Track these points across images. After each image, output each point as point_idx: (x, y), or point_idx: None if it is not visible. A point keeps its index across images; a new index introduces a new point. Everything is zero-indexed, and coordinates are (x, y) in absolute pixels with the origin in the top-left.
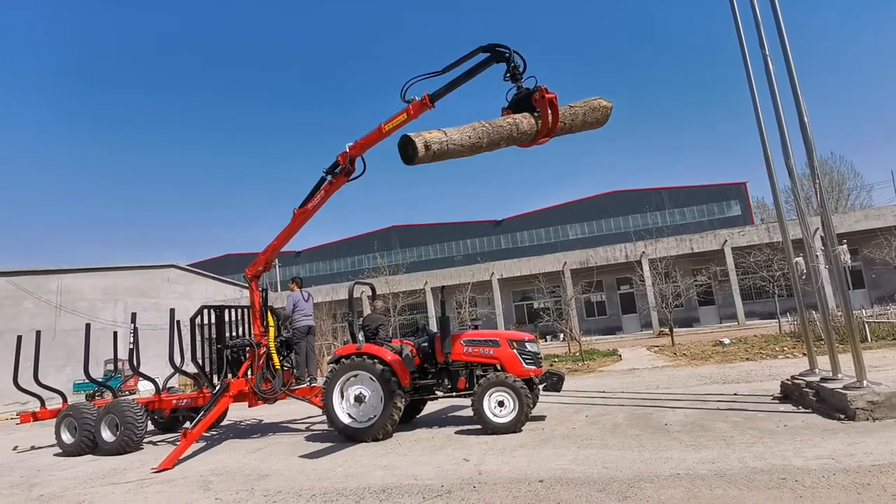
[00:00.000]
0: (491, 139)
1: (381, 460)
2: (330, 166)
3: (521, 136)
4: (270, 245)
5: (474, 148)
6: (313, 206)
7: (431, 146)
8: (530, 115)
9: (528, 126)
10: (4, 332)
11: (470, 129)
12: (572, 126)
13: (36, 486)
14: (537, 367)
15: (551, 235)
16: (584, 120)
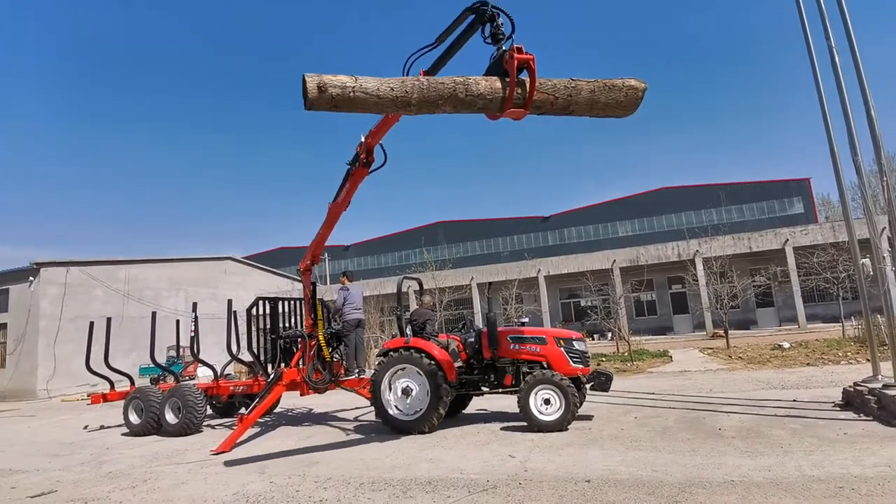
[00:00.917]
0: (424, 97)
1: (427, 453)
2: (352, 158)
3: (473, 99)
4: (314, 239)
5: (399, 103)
6: (342, 199)
7: (328, 89)
8: (499, 78)
9: (485, 88)
10: (78, 318)
11: (397, 82)
12: (575, 104)
13: (105, 464)
14: (585, 365)
15: (600, 232)
16: (595, 100)
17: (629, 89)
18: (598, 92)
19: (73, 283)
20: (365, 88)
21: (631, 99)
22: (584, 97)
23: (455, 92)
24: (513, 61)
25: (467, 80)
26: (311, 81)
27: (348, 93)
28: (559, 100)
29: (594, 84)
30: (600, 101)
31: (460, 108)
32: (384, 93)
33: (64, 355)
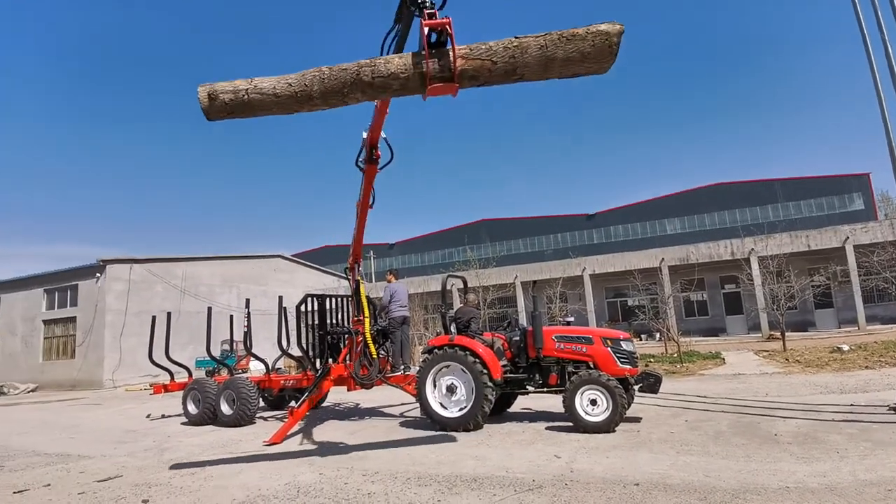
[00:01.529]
0: (327, 87)
1: (472, 450)
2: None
3: (385, 81)
4: (353, 238)
5: (300, 99)
6: (363, 197)
7: (219, 97)
8: (415, 53)
9: (398, 67)
10: (140, 312)
11: (296, 76)
12: (524, 67)
13: (166, 451)
14: (633, 366)
15: (647, 230)
16: (550, 57)
17: (597, 37)
18: (551, 47)
19: (136, 280)
20: (260, 89)
21: (601, 49)
22: (534, 56)
23: (360, 76)
24: (423, 29)
25: (375, 60)
26: (202, 91)
27: (242, 97)
28: (499, 65)
29: (545, 38)
30: (558, 58)
31: (372, 93)
32: (282, 90)
33: (128, 347)
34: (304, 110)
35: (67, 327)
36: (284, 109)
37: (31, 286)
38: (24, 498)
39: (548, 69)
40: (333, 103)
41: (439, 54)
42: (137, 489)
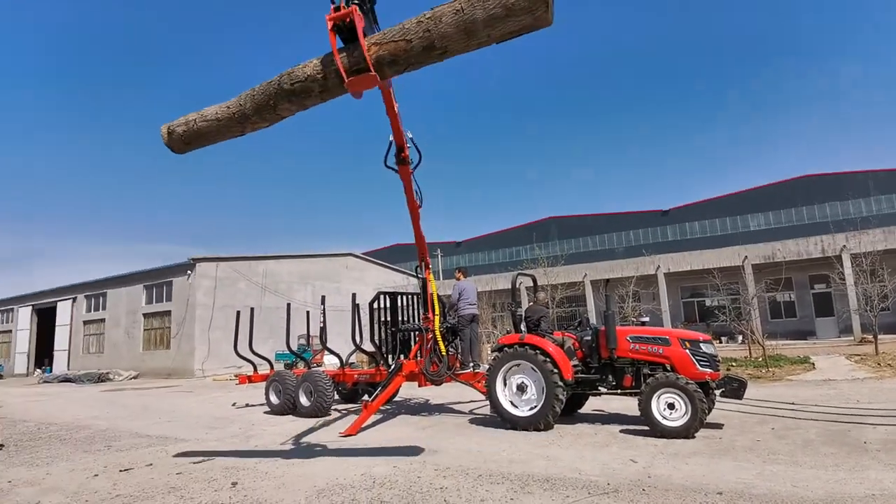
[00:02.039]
0: (257, 103)
1: (543, 450)
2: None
3: (305, 85)
4: (414, 238)
5: (240, 119)
6: (407, 199)
7: (175, 130)
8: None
9: (313, 69)
10: (226, 307)
11: (234, 99)
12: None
13: (251, 438)
14: (714, 370)
15: (727, 226)
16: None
17: None
18: (468, 8)
19: (222, 277)
20: (206, 117)
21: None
22: (451, 24)
23: (280, 86)
24: (328, 24)
25: (294, 68)
26: (162, 129)
27: (192, 127)
28: (415, 42)
29: (461, 1)
30: (478, 19)
31: (298, 101)
32: (223, 114)
33: (215, 339)
34: (247, 130)
35: (163, 320)
36: (230, 132)
37: (132, 282)
38: (129, 475)
39: (471, 34)
40: (268, 118)
41: (352, 47)
42: (227, 472)
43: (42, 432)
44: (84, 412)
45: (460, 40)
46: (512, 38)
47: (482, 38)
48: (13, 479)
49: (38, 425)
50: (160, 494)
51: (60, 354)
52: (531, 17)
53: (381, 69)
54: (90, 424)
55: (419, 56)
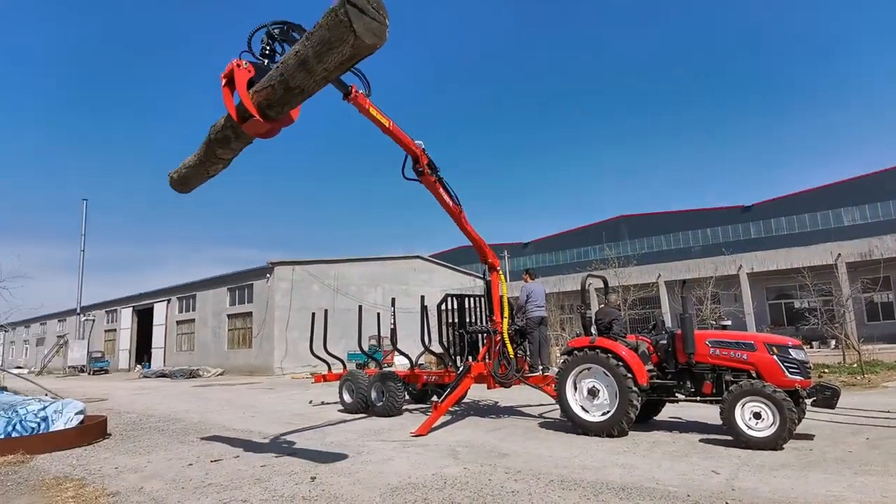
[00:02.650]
0: (210, 147)
1: (617, 458)
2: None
3: (223, 134)
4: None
5: (202, 164)
6: (443, 206)
7: (171, 177)
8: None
9: (222, 120)
10: (301, 309)
11: (198, 149)
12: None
13: (327, 435)
14: (804, 377)
15: (818, 222)
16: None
17: (328, 18)
18: (302, 49)
19: (297, 280)
20: (186, 164)
21: (335, 27)
22: (294, 64)
23: (210, 136)
24: (221, 80)
25: (216, 121)
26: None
27: (180, 173)
28: (277, 86)
29: (299, 44)
30: (310, 56)
31: (226, 146)
32: (193, 161)
33: (292, 339)
34: (211, 172)
35: (245, 321)
36: (202, 175)
37: (218, 285)
38: (219, 466)
39: (311, 72)
40: (215, 161)
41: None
42: (306, 466)
43: (143, 423)
44: (178, 405)
45: (306, 78)
46: (347, 68)
47: (320, 73)
48: (119, 465)
49: (139, 416)
50: (247, 485)
51: (157, 351)
52: (348, 46)
53: (264, 113)
54: (184, 417)
55: (285, 97)
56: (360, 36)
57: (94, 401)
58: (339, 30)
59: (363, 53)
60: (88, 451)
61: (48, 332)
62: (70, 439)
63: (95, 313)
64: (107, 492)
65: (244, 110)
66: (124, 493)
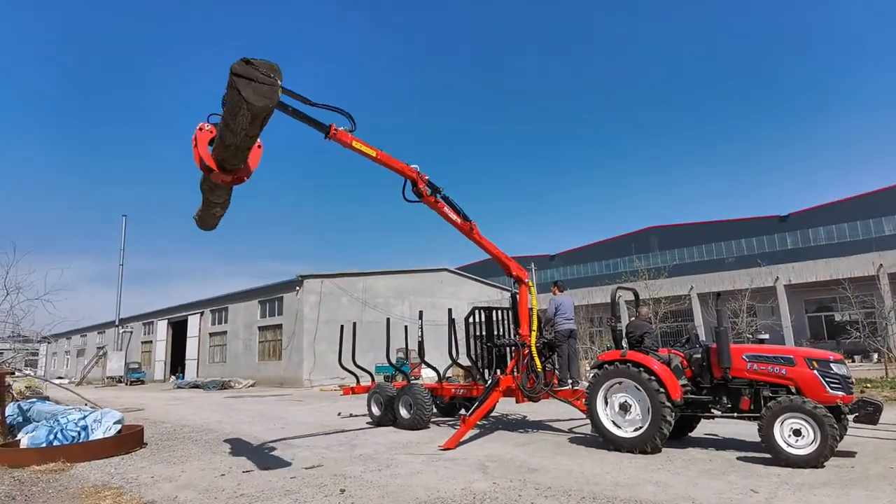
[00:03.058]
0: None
1: (651, 475)
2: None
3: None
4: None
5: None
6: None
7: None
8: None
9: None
10: (330, 321)
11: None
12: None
13: (356, 447)
14: (846, 393)
15: (858, 231)
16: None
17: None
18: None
19: (326, 293)
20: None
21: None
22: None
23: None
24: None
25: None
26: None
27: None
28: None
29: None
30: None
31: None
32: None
33: (320, 352)
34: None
35: (276, 333)
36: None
37: (249, 298)
38: (249, 477)
39: (234, 133)
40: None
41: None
42: (335, 479)
43: (177, 433)
44: (211, 416)
45: (233, 137)
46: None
47: (241, 133)
48: (155, 475)
49: (174, 427)
50: (277, 496)
51: (191, 363)
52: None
53: (222, 166)
54: (216, 428)
55: (227, 153)
56: (250, 101)
57: (130, 411)
58: (235, 99)
59: (262, 114)
60: (125, 460)
61: (88, 343)
62: (108, 448)
63: (133, 325)
64: (143, 500)
65: (206, 166)
66: (159, 501)
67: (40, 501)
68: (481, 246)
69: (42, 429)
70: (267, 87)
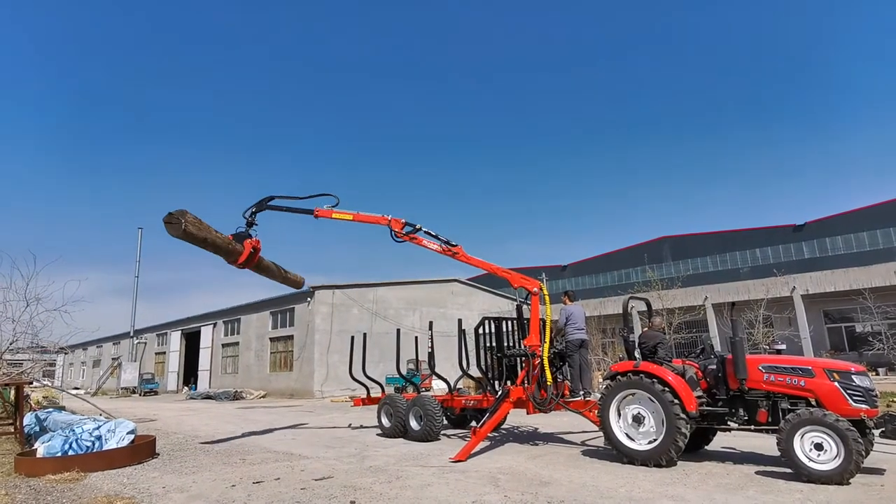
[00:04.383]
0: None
1: (667, 489)
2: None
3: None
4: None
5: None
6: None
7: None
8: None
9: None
10: (341, 332)
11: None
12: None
13: (366, 459)
14: (871, 406)
15: (878, 240)
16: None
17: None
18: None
19: (337, 303)
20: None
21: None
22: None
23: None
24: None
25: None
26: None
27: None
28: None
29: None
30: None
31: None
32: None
33: (332, 363)
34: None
35: (287, 344)
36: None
37: (261, 309)
38: (260, 488)
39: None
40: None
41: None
42: (345, 490)
43: (189, 444)
44: (223, 427)
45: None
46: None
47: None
48: (167, 485)
49: (185, 437)
50: None
51: (203, 374)
52: (179, 235)
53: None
54: (228, 438)
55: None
56: (170, 234)
57: (144, 421)
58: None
59: (188, 240)
60: (138, 469)
61: (104, 354)
62: (121, 458)
63: (147, 336)
64: None
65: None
66: None
67: None
68: (472, 265)
69: (57, 438)
70: (176, 224)
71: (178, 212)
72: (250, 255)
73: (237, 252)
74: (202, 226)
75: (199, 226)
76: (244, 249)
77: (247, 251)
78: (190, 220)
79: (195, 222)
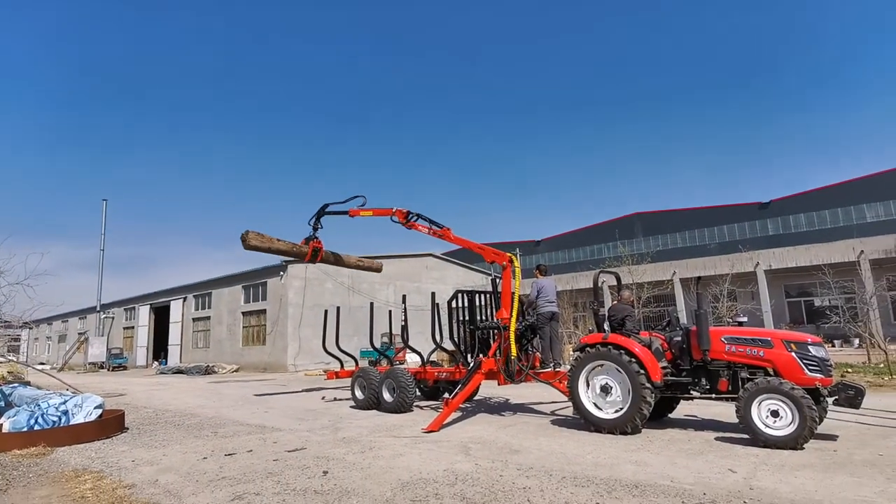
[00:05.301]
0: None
1: (631, 455)
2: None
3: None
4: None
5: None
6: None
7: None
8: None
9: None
10: (315, 306)
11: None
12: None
13: (339, 430)
14: (825, 375)
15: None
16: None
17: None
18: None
19: (311, 277)
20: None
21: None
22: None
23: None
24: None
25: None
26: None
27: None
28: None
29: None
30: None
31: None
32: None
33: (305, 337)
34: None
35: (259, 318)
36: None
37: (233, 283)
38: (232, 460)
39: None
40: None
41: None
42: (318, 461)
43: (159, 418)
44: (194, 401)
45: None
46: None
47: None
48: (136, 458)
49: (155, 412)
50: (259, 478)
51: (174, 348)
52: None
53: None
54: (199, 412)
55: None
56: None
57: (112, 396)
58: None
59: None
60: (106, 444)
61: (70, 329)
62: (89, 433)
63: (115, 311)
64: (123, 484)
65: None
66: (140, 485)
67: (21, 486)
68: (461, 244)
69: (23, 413)
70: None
71: (244, 232)
72: (314, 253)
73: (303, 253)
74: (264, 238)
75: (262, 238)
76: (308, 250)
77: (310, 251)
78: (251, 236)
79: (256, 237)
